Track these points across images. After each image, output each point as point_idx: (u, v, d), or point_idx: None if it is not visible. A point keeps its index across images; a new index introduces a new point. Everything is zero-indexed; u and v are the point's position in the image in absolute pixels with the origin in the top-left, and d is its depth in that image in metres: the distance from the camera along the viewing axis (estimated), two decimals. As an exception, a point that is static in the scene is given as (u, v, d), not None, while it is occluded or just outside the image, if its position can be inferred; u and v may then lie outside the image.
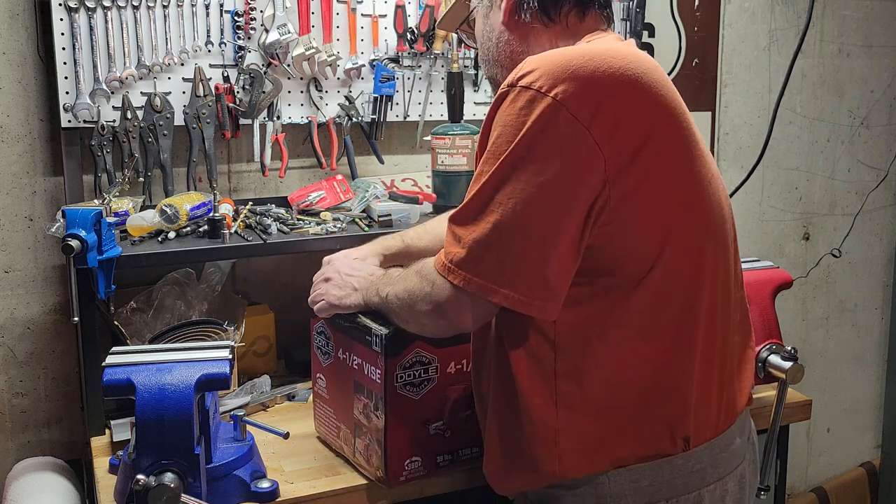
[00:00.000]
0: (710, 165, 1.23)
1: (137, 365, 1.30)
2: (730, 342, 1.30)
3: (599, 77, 1.11)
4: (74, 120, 1.80)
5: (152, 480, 1.20)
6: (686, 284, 1.19)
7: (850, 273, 2.98)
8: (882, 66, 2.88)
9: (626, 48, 1.21)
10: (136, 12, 1.82)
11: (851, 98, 2.84)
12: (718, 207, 1.24)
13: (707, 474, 1.22)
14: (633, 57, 1.16)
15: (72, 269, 1.55)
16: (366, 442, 1.47)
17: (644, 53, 1.21)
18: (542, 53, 1.16)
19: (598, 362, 1.18)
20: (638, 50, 1.23)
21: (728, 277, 1.28)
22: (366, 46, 2.06)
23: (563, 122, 1.09)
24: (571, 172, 1.10)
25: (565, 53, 1.14)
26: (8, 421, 1.92)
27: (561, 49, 1.18)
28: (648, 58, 1.20)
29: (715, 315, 1.24)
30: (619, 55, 1.14)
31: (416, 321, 1.28)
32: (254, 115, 1.95)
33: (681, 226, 1.17)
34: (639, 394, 1.19)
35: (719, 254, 1.25)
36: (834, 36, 2.77)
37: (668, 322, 1.18)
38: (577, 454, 1.19)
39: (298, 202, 1.99)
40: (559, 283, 1.14)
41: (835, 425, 3.07)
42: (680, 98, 1.20)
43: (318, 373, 1.60)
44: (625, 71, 1.12)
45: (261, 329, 1.99)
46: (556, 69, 1.11)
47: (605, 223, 1.12)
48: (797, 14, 2.68)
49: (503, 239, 1.12)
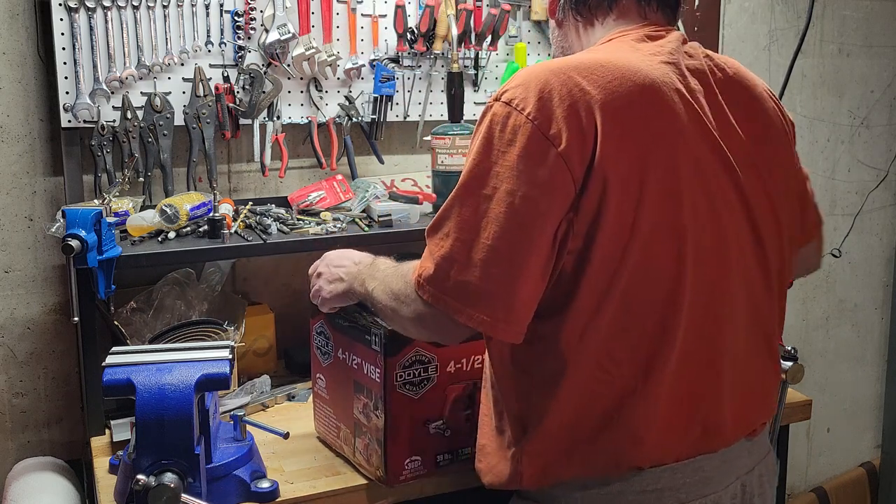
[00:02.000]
0: (706, 185, 1.14)
1: (137, 365, 1.30)
2: (727, 369, 1.20)
3: (576, 97, 1.07)
4: (74, 120, 1.80)
5: (152, 480, 1.20)
6: (655, 313, 1.12)
7: (850, 273, 2.98)
8: (882, 66, 2.88)
9: (624, 60, 1.13)
10: (136, 12, 1.82)
11: (851, 98, 2.84)
12: (713, 228, 1.15)
13: (664, 496, 1.17)
14: (620, 73, 1.10)
15: (72, 269, 1.56)
16: (366, 441, 1.47)
17: (647, 66, 1.14)
18: (530, 66, 1.13)
19: (553, 391, 1.15)
20: (640, 61, 1.15)
21: (732, 299, 1.19)
22: (366, 46, 2.06)
23: (535, 141, 1.06)
24: (540, 193, 1.06)
25: (548, 68, 1.10)
26: (8, 421, 1.92)
27: (548, 62, 1.14)
28: (647, 73, 1.12)
29: (701, 341, 1.16)
30: (605, 71, 1.09)
31: (399, 325, 1.26)
32: (254, 115, 1.95)
33: (639, 256, 1.09)
34: (590, 427, 1.15)
35: (708, 279, 1.15)
36: (834, 36, 2.77)
37: (624, 358, 1.13)
38: (534, 469, 1.19)
39: (298, 202, 1.99)
40: (524, 307, 1.10)
41: (835, 425, 3.07)
42: (677, 112, 1.12)
43: (318, 373, 1.60)
44: (604, 90, 1.07)
45: (261, 329, 1.99)
46: (534, 85, 1.08)
47: (570, 249, 1.09)
48: (797, 14, 2.68)
49: (470, 256, 1.09)
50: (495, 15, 2.10)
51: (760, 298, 1.24)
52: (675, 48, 1.20)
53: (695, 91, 1.17)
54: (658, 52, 1.18)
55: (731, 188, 1.17)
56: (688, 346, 1.15)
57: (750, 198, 1.19)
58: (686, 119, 1.13)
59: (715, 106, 1.19)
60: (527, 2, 2.17)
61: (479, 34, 2.12)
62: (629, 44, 1.20)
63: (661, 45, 1.20)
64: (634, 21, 1.25)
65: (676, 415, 1.16)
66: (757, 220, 1.20)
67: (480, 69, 2.17)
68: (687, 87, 1.16)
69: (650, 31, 1.23)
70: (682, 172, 1.11)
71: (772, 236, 1.23)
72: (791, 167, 1.31)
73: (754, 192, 1.20)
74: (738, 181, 1.17)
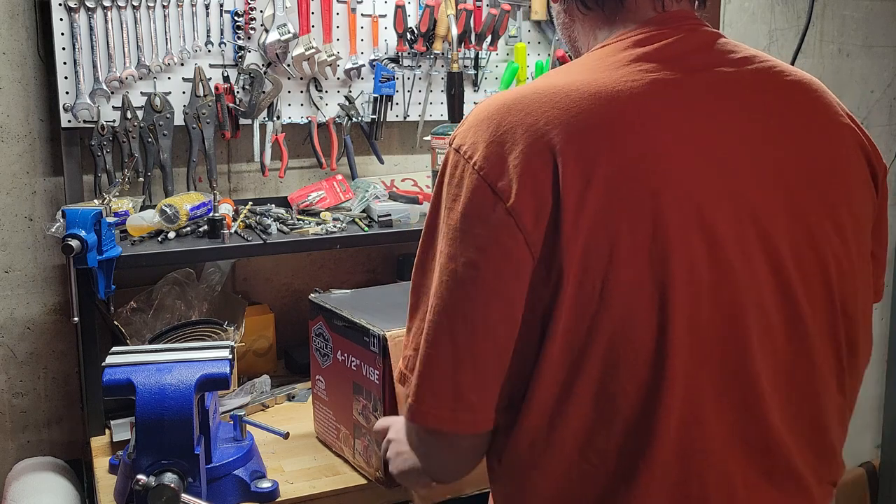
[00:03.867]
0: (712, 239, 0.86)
1: (137, 365, 1.30)
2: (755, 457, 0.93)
3: (533, 137, 0.86)
4: (74, 120, 1.80)
5: (152, 480, 1.20)
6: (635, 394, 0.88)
7: (850, 273, 2.98)
8: (882, 66, 2.88)
9: (604, 82, 0.88)
10: (136, 12, 1.82)
11: (851, 98, 2.84)
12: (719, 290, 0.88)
13: None
14: (592, 101, 0.86)
15: (72, 269, 1.55)
16: (365, 443, 1.47)
17: (633, 86, 0.88)
18: (488, 100, 0.93)
19: (524, 483, 0.95)
20: (629, 79, 0.89)
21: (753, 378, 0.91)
22: (366, 46, 2.06)
23: (480, 195, 0.87)
24: (490, 257, 0.86)
25: (504, 101, 0.90)
26: (8, 421, 1.92)
27: (510, 92, 0.92)
28: (629, 98, 0.87)
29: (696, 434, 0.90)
30: (573, 100, 0.87)
31: (429, 470, 1.06)
32: (254, 115, 1.95)
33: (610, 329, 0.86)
34: None
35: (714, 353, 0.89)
36: (834, 36, 2.77)
37: (607, 447, 0.90)
38: None
39: (298, 202, 1.99)
40: (477, 391, 0.91)
41: (835, 425, 3.07)
42: (670, 147, 0.87)
43: (318, 375, 1.60)
44: (568, 128, 0.85)
45: (261, 329, 1.99)
46: (485, 127, 0.89)
47: None
48: (797, 14, 2.68)
49: (416, 346, 0.93)
50: (495, 15, 2.10)
51: (802, 379, 0.95)
52: (686, 51, 0.93)
53: (709, 113, 0.90)
54: (661, 64, 0.91)
55: (754, 241, 0.89)
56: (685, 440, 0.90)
57: (782, 253, 0.91)
58: (684, 154, 0.87)
59: (745, 128, 0.91)
60: (527, 2, 2.17)
61: (479, 34, 2.12)
62: (625, 52, 0.93)
63: (670, 49, 0.93)
64: (647, 13, 0.97)
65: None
66: (791, 280, 0.91)
67: (480, 69, 2.17)
68: (697, 111, 0.90)
69: (661, 32, 0.95)
70: (672, 224, 0.85)
71: (815, 299, 0.95)
72: (865, 218, 0.99)
73: (793, 244, 0.91)
74: (766, 233, 0.90)
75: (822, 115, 0.97)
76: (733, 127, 0.91)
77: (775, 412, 0.93)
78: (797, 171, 0.93)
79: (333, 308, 1.52)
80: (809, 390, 0.96)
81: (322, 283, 2.13)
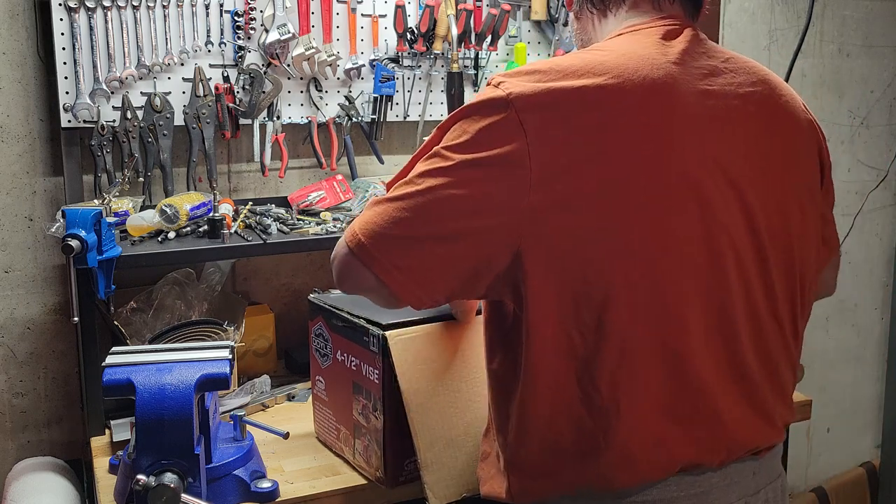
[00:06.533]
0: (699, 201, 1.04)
1: (137, 365, 1.30)
2: (728, 387, 1.11)
3: (555, 97, 1.02)
4: (74, 120, 1.80)
5: (152, 480, 1.20)
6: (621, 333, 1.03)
7: (850, 273, 2.98)
8: (882, 66, 2.88)
9: (615, 60, 1.05)
10: (136, 12, 1.82)
11: (851, 98, 2.84)
12: (704, 246, 1.05)
13: None
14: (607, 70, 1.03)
15: (72, 269, 1.55)
16: (365, 443, 1.47)
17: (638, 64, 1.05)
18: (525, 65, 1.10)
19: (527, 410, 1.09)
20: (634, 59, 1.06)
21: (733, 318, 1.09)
22: (366, 46, 2.06)
23: (506, 123, 1.01)
24: (498, 177, 1.01)
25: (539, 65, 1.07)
26: (8, 421, 1.92)
27: (541, 61, 1.09)
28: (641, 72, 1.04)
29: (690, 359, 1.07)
30: (580, 77, 1.02)
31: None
32: (254, 115, 1.95)
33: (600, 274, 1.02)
34: (573, 448, 1.09)
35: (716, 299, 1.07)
36: (834, 36, 2.77)
37: (601, 376, 1.04)
38: (521, 486, 1.15)
39: (298, 202, 1.99)
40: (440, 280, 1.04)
41: (835, 425, 3.07)
42: (666, 119, 1.04)
43: (318, 375, 1.60)
44: (571, 95, 1.01)
45: (261, 329, 1.99)
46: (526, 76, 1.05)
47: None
48: (797, 14, 2.68)
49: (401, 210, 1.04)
50: (495, 15, 2.10)
51: (765, 323, 1.13)
52: (686, 48, 1.10)
53: (701, 97, 1.07)
54: (662, 51, 1.08)
55: (735, 208, 1.08)
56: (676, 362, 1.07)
57: (757, 218, 1.09)
58: (677, 127, 1.04)
59: (726, 114, 1.09)
60: (527, 2, 2.17)
61: (479, 34, 2.12)
62: (633, 39, 1.12)
63: (671, 43, 1.10)
64: (648, 13, 1.16)
65: (667, 432, 1.08)
66: (764, 242, 1.10)
67: (480, 69, 2.17)
68: (691, 91, 1.06)
69: (662, 26, 1.13)
70: (667, 182, 1.03)
71: (780, 259, 1.13)
72: (815, 188, 1.22)
73: (765, 213, 1.10)
74: (744, 199, 1.08)
75: (787, 105, 1.17)
76: (723, 107, 1.08)
77: (748, 344, 1.10)
78: (768, 152, 1.12)
79: (333, 308, 1.52)
80: (771, 328, 1.13)
81: (322, 283, 2.13)
